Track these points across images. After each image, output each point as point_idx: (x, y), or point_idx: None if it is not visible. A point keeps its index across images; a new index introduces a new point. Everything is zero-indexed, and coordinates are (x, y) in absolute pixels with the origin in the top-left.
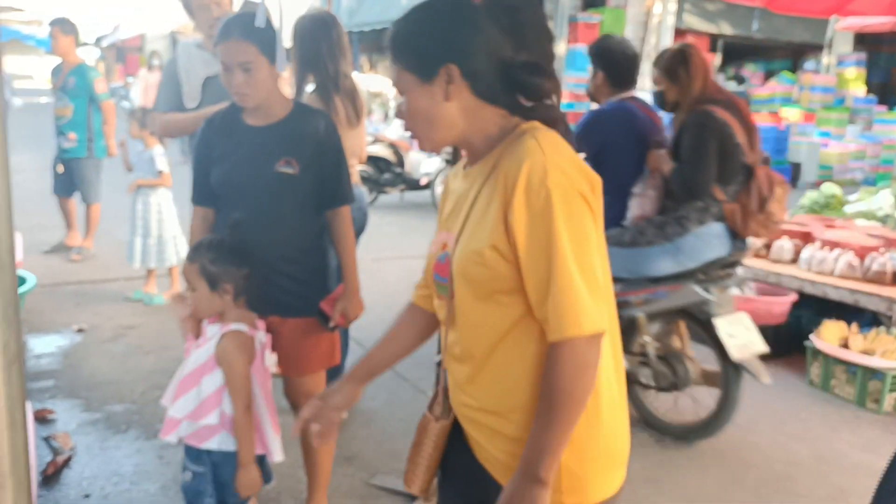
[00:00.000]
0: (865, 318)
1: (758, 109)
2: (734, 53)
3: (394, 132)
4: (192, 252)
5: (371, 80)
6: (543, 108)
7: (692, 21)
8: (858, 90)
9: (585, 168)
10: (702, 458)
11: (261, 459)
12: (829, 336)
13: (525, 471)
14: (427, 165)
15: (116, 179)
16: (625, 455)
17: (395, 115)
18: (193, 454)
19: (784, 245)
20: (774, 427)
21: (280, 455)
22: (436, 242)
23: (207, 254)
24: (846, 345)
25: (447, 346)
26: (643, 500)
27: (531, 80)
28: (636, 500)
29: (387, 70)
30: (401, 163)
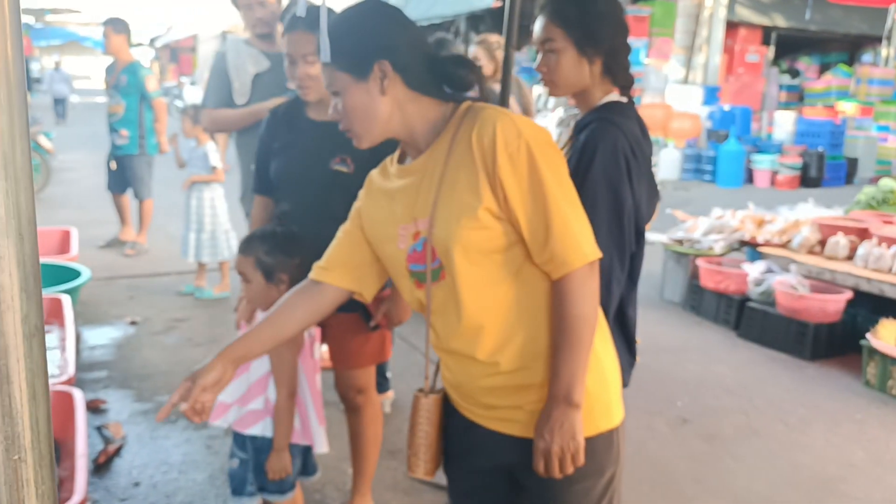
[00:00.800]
0: None
1: (812, 103)
2: (788, 46)
3: None
4: (245, 245)
5: None
6: (469, 95)
7: (744, 13)
8: None
9: (536, 123)
10: (752, 459)
11: (306, 451)
12: (887, 335)
13: (561, 398)
14: None
15: (168, 176)
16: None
17: (330, 116)
18: (239, 441)
19: (839, 241)
20: (828, 428)
21: (325, 447)
22: (402, 236)
23: (262, 246)
24: None
25: (437, 336)
26: (691, 501)
27: (456, 72)
28: (684, 501)
29: None
30: None
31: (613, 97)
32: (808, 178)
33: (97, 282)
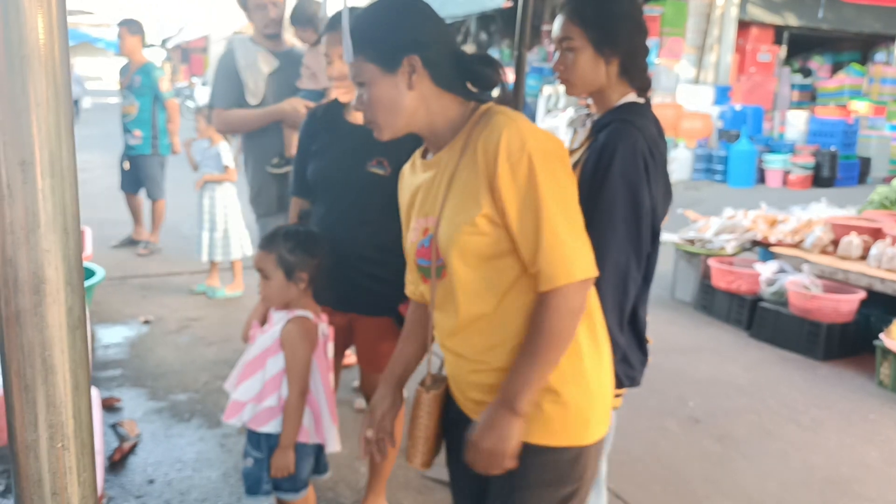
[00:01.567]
0: None
1: (825, 103)
2: (800, 45)
3: None
4: (268, 241)
5: None
6: (492, 94)
7: (756, 12)
8: None
9: (551, 134)
10: (764, 459)
11: (318, 450)
12: None
13: (506, 402)
14: None
15: (181, 176)
16: (611, 402)
17: (354, 107)
18: (254, 440)
19: (853, 241)
20: (841, 428)
21: (337, 445)
22: (415, 230)
23: (285, 243)
24: None
25: (437, 329)
26: (702, 501)
27: (483, 71)
28: (696, 501)
29: None
30: None
31: (631, 98)
32: (821, 178)
33: (110, 281)
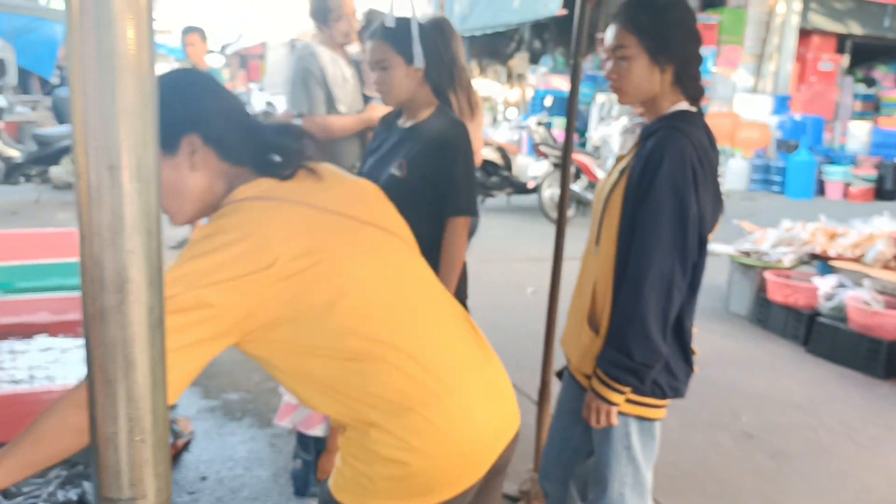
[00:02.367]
0: None
1: (889, 113)
2: (864, 54)
3: (502, 135)
4: None
5: (480, 85)
6: (296, 164)
7: (818, 20)
8: None
9: (216, 265)
10: (820, 478)
11: None
12: None
13: None
14: (535, 169)
15: None
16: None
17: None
18: (304, 442)
19: None
20: None
21: None
22: None
23: None
24: None
25: None
26: None
27: (279, 141)
28: None
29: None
30: (508, 166)
31: (682, 106)
32: (884, 191)
33: None
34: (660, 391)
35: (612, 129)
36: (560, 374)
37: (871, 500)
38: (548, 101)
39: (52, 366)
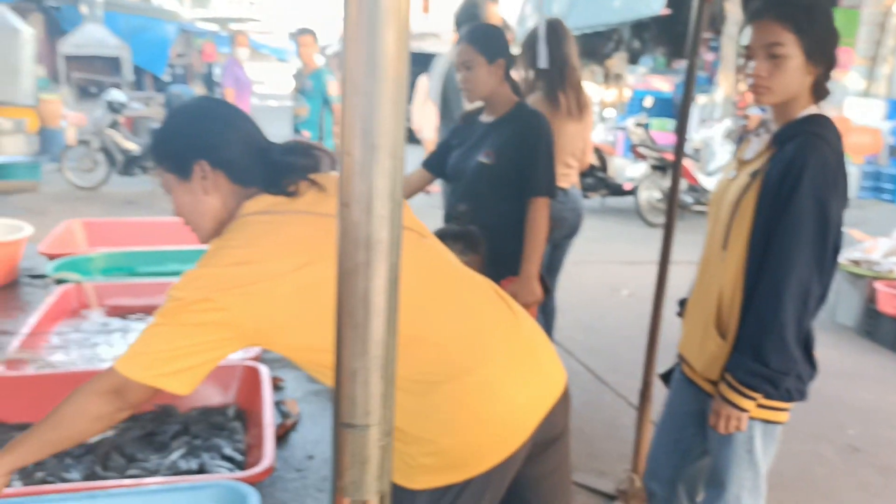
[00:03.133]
0: None
1: None
2: None
3: (598, 136)
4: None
5: None
6: (300, 179)
7: None
8: None
9: (225, 277)
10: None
11: None
12: None
13: None
14: (632, 171)
15: None
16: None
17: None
18: None
19: None
20: None
21: None
22: None
23: (455, 244)
24: None
25: None
26: None
27: (285, 160)
28: None
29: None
30: (604, 167)
31: (813, 110)
32: None
33: None
34: (788, 395)
35: (714, 132)
36: (665, 377)
37: None
38: (647, 102)
39: None
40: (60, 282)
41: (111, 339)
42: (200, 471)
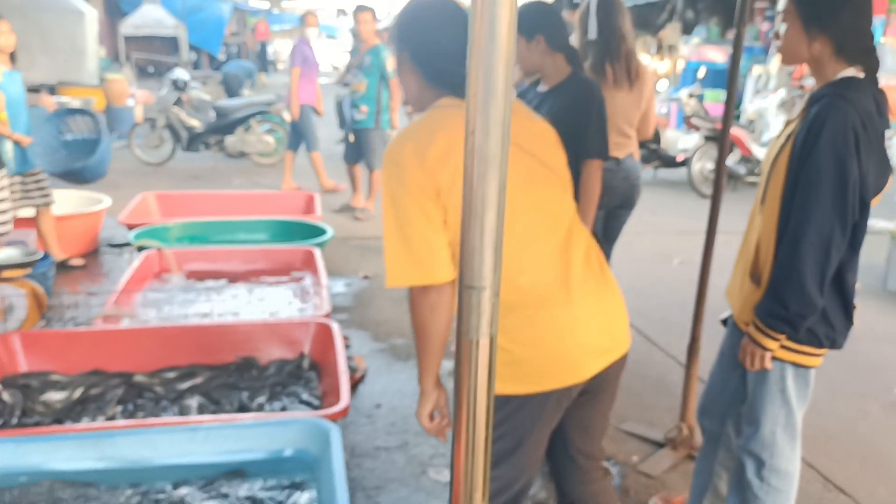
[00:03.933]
0: None
1: None
2: None
3: None
4: None
5: None
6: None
7: None
8: None
9: (403, 139)
10: None
11: None
12: None
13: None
14: (685, 142)
15: None
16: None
17: None
18: None
19: None
20: None
21: None
22: None
23: None
24: None
25: None
26: None
27: (457, 69)
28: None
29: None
30: (657, 139)
31: (849, 73)
32: None
33: (334, 240)
34: (816, 340)
35: (769, 103)
36: (724, 322)
37: None
38: (701, 73)
39: (240, 306)
40: (141, 249)
41: (192, 299)
42: (283, 408)
